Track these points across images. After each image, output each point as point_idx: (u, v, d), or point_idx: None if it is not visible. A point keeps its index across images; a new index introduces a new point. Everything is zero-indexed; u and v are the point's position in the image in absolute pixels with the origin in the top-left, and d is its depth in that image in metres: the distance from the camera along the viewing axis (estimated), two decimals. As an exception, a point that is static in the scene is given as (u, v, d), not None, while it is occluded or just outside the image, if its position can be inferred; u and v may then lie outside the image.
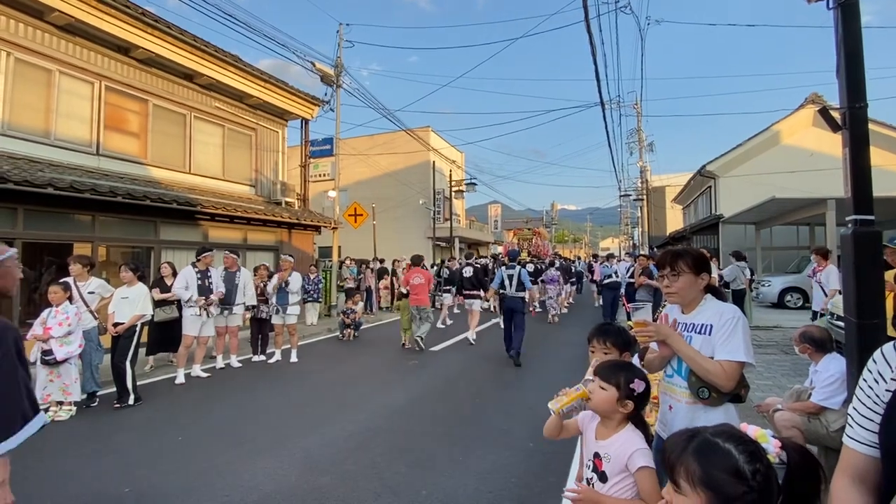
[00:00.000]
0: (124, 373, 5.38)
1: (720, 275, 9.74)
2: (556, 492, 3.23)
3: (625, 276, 11.31)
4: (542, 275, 13.58)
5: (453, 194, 26.94)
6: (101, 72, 8.76)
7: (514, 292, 7.74)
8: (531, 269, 12.79)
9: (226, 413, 5.16)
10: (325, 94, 14.23)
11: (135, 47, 9.00)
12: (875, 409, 1.03)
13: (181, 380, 6.39)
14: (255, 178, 12.22)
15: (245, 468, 3.71)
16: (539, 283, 13.59)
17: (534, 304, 13.59)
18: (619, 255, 25.67)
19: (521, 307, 7.77)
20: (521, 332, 7.61)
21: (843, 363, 3.17)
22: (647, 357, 2.11)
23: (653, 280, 8.08)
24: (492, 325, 11.24)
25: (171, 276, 7.04)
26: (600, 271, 13.13)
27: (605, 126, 16.50)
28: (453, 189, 26.39)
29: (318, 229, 13.30)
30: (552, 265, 14.48)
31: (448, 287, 12.07)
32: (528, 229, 24.33)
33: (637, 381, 1.70)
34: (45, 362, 4.89)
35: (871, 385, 1.05)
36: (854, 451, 1.06)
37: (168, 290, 6.87)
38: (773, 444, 1.01)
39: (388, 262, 16.27)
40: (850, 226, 3.20)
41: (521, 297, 7.79)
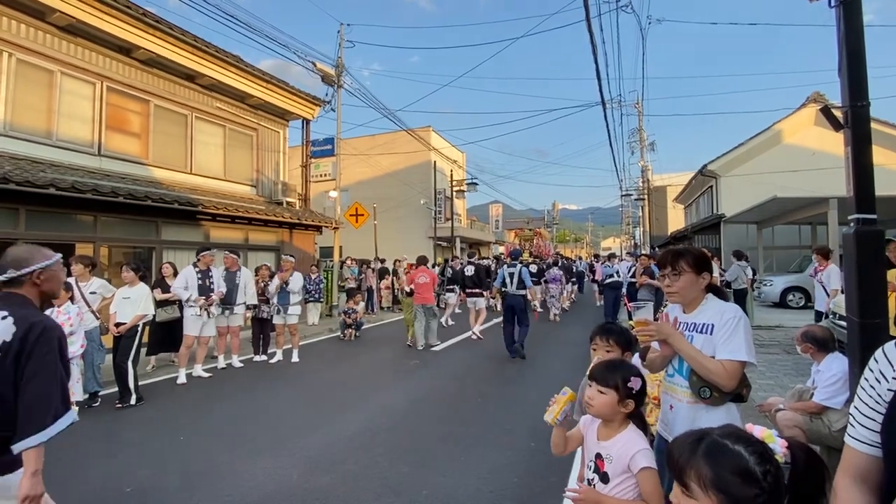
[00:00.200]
0: (126, 373, 5.40)
1: (721, 272, 9.73)
2: (557, 492, 3.23)
3: (626, 276, 11.30)
4: (544, 274, 13.64)
5: (454, 194, 26.93)
6: (102, 72, 8.78)
7: (514, 290, 8.05)
8: (534, 268, 12.85)
9: (227, 413, 5.17)
10: (326, 95, 14.26)
11: (136, 48, 9.01)
12: (877, 408, 1.03)
13: (183, 380, 6.40)
14: (256, 178, 12.23)
15: (246, 468, 3.71)
16: (542, 283, 13.63)
17: (534, 304, 13.61)
18: (621, 254, 25.65)
19: (523, 304, 8.03)
20: (525, 327, 7.91)
21: (845, 363, 3.17)
22: (648, 356, 2.11)
23: (654, 280, 8.08)
24: (493, 324, 11.23)
25: (172, 276, 7.04)
26: (602, 271, 13.13)
27: (607, 125, 16.51)
28: (454, 189, 26.39)
29: (319, 229, 13.32)
30: (555, 265, 14.64)
31: (451, 286, 12.11)
32: (528, 230, 24.40)
33: (633, 379, 1.70)
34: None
35: (873, 384, 1.05)
36: (856, 451, 1.06)
37: (169, 290, 6.88)
38: (779, 444, 1.01)
39: (389, 262, 16.27)
40: (852, 225, 3.19)
41: (521, 294, 8.07)
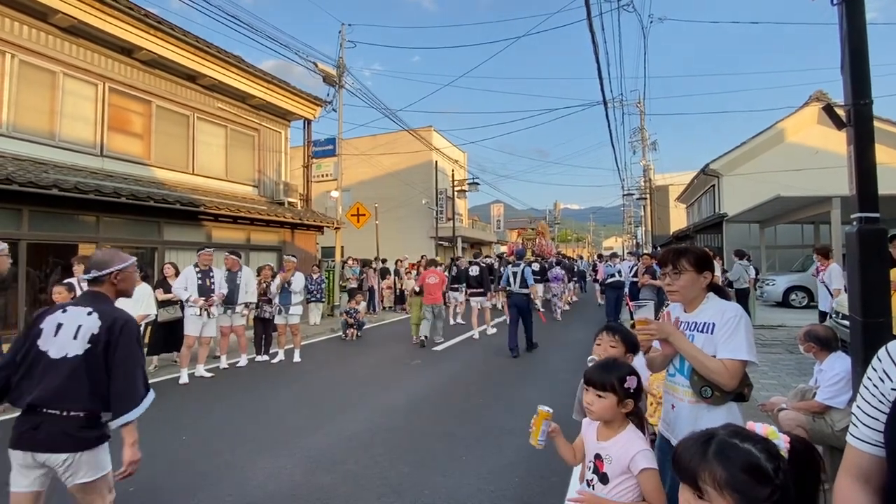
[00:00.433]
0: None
1: (724, 271, 9.70)
2: (558, 492, 3.22)
3: (628, 276, 11.28)
4: (547, 273, 13.71)
5: (456, 194, 26.91)
6: (104, 73, 8.80)
7: (518, 289, 8.22)
8: (536, 267, 12.87)
9: (229, 413, 5.17)
10: (328, 95, 14.28)
11: (138, 49, 9.04)
12: (880, 408, 1.02)
13: (185, 380, 6.41)
14: (257, 178, 12.25)
15: (248, 467, 3.72)
16: (545, 283, 13.70)
17: (536, 304, 13.66)
18: (622, 254, 25.63)
19: (526, 303, 8.25)
20: (529, 322, 8.31)
21: (848, 362, 3.15)
22: (649, 356, 2.10)
23: (656, 279, 8.07)
24: (494, 323, 11.22)
25: (174, 276, 7.05)
26: (604, 270, 13.14)
27: (608, 125, 16.48)
28: (456, 189, 26.37)
29: (320, 229, 13.34)
30: (557, 264, 14.84)
31: (456, 286, 12.18)
32: (531, 229, 24.36)
33: (629, 378, 1.69)
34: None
35: (876, 384, 1.04)
36: (858, 451, 1.05)
37: (171, 290, 6.89)
38: (782, 440, 1.01)
39: (390, 262, 16.27)
40: (855, 224, 3.17)
41: (525, 293, 8.26)
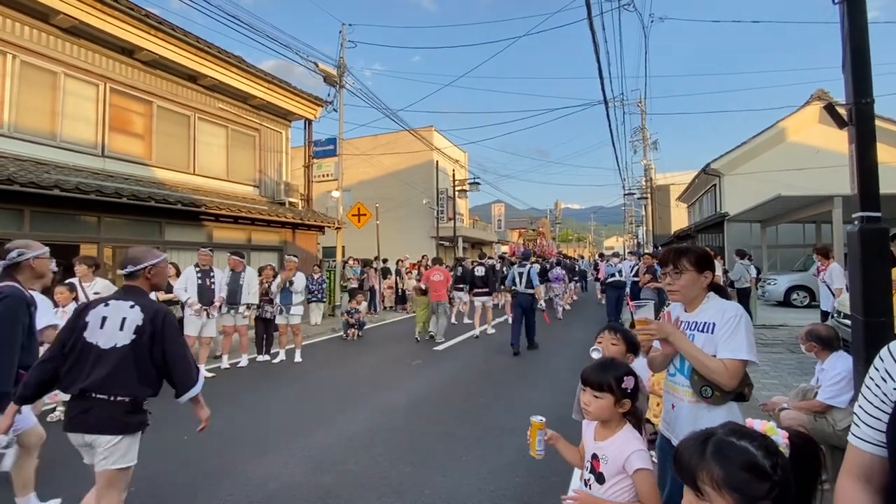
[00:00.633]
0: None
1: (725, 270, 9.68)
2: (558, 491, 3.21)
3: (629, 275, 11.25)
4: (547, 273, 13.73)
5: (457, 194, 26.90)
6: (105, 74, 8.82)
7: (524, 289, 8.37)
8: (537, 268, 12.89)
9: (230, 412, 5.17)
10: (328, 95, 14.28)
11: (139, 49, 9.04)
12: (882, 407, 1.02)
13: (186, 380, 6.40)
14: (258, 178, 12.26)
15: (249, 467, 3.72)
16: (546, 282, 13.73)
17: (541, 304, 13.71)
18: (623, 254, 25.61)
19: (531, 303, 8.45)
20: (532, 322, 8.49)
21: (849, 361, 3.14)
22: (649, 355, 2.10)
23: (657, 279, 8.05)
24: (494, 323, 11.22)
25: (175, 276, 7.05)
26: (605, 270, 13.15)
27: (609, 124, 16.45)
28: (457, 188, 26.35)
29: (321, 229, 13.34)
30: (558, 264, 14.89)
31: (461, 285, 12.22)
32: (532, 230, 24.38)
33: (627, 378, 1.69)
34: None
35: (879, 383, 1.04)
36: (860, 451, 1.05)
37: (172, 290, 6.89)
38: (781, 436, 1.01)
39: (391, 262, 16.27)
40: (856, 223, 3.16)
41: (530, 293, 8.42)
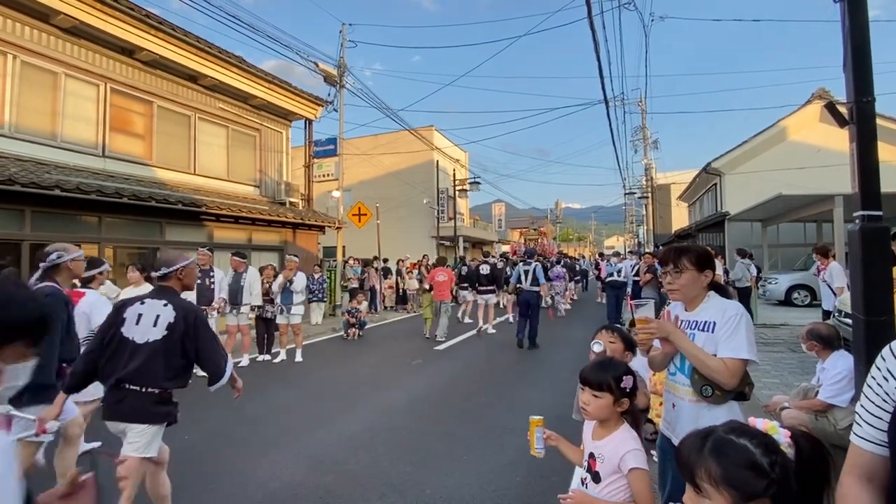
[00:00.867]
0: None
1: (725, 270, 9.67)
2: (559, 491, 3.19)
3: (630, 275, 11.23)
4: (548, 272, 13.78)
5: (457, 193, 26.89)
6: (106, 74, 8.82)
7: (529, 287, 8.50)
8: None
9: (230, 412, 5.17)
10: (329, 95, 14.28)
11: (139, 49, 9.04)
12: (884, 407, 1.02)
13: (186, 379, 6.41)
14: (259, 178, 12.26)
15: (250, 467, 3.72)
16: (548, 281, 13.80)
17: (548, 301, 13.77)
18: (624, 253, 25.60)
19: (536, 301, 8.56)
20: (536, 321, 8.53)
21: (850, 360, 3.14)
22: (650, 355, 2.10)
23: (658, 279, 8.05)
24: (497, 322, 11.22)
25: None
26: (606, 269, 13.16)
27: (610, 123, 16.40)
28: (457, 188, 26.34)
29: (322, 229, 13.34)
30: (558, 262, 15.06)
31: (465, 284, 12.26)
32: (533, 230, 24.40)
33: (626, 378, 1.69)
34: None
35: (880, 383, 1.04)
36: (862, 450, 1.05)
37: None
38: (783, 435, 1.01)
39: (392, 261, 16.28)
40: (857, 222, 3.16)
41: (536, 291, 8.54)
